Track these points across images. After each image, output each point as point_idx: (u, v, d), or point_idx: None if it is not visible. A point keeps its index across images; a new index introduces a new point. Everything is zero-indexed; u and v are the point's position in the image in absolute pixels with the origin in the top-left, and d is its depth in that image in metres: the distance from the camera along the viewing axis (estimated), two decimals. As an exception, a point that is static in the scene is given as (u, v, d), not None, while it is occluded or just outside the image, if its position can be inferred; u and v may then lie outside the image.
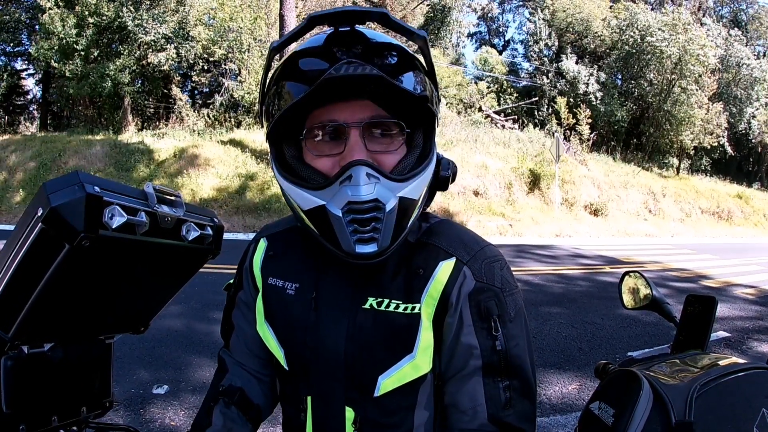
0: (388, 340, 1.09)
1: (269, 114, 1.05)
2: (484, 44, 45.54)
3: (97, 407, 1.21)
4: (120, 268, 1.03)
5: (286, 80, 1.01)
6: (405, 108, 1.04)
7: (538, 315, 7.24)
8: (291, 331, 1.16)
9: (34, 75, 28.26)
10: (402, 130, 1.05)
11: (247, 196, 16.40)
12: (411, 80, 1.01)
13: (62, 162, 17.31)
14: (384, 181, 0.99)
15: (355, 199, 0.97)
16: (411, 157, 1.07)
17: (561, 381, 4.92)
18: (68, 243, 0.87)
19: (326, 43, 1.00)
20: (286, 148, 1.09)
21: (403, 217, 1.02)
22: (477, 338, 1.08)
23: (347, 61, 0.94)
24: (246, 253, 1.32)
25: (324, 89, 0.94)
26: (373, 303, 1.10)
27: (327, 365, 1.12)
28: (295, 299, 1.16)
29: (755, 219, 29.75)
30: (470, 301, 1.09)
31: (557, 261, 12.36)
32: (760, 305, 8.74)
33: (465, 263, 1.11)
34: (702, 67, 31.30)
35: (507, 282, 1.13)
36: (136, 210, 0.94)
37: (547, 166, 22.03)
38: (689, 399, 0.95)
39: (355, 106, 1.01)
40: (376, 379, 1.08)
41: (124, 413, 3.90)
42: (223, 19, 21.59)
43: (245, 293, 1.30)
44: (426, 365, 1.08)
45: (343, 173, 0.98)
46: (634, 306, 1.70)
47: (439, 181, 1.15)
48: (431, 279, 1.10)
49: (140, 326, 1.28)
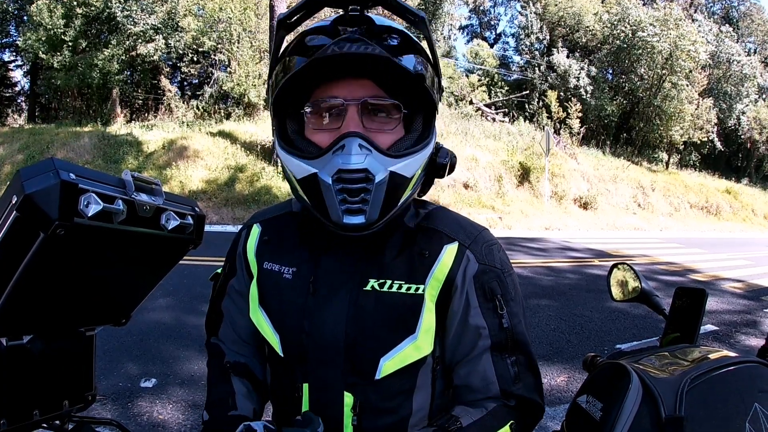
0: (390, 320, 1.10)
1: (274, 85, 1.08)
2: (475, 37, 45.55)
3: (79, 401, 1.19)
4: (98, 258, 1.01)
5: (292, 54, 1.05)
6: (405, 91, 1.07)
7: (527, 307, 7.14)
8: (287, 316, 1.16)
9: (22, 66, 28.16)
10: (399, 111, 1.07)
11: (236, 188, 16.33)
12: (411, 61, 1.03)
13: (50, 154, 17.11)
14: (376, 153, 1.01)
15: (345, 167, 1.00)
16: (408, 139, 1.09)
17: (549, 373, 4.93)
18: (43, 231, 0.84)
19: (333, 23, 1.04)
20: (289, 122, 1.13)
21: (393, 192, 1.04)
22: (484, 318, 1.12)
23: (346, 37, 0.98)
24: (237, 240, 1.32)
25: (324, 64, 0.99)
26: (375, 284, 1.11)
27: (325, 350, 1.12)
28: (293, 283, 1.17)
29: (743, 214, 30.04)
30: (475, 283, 1.13)
31: (546, 254, 12.40)
32: (748, 299, 8.82)
33: (467, 247, 1.15)
34: (693, 63, 31.50)
35: (505, 263, 1.19)
36: (113, 198, 0.92)
37: (537, 159, 22.16)
38: (680, 393, 0.92)
39: (356, 84, 1.04)
40: (377, 361, 1.09)
41: (112, 407, 3.87)
42: (213, 10, 21.42)
43: (238, 281, 1.29)
44: (427, 347, 1.10)
45: (336, 143, 1.01)
46: (623, 298, 1.70)
47: (436, 167, 1.16)
48: (437, 261, 1.13)
49: (121, 318, 1.25)
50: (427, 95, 1.07)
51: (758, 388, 0.99)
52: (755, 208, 31.45)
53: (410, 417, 1.14)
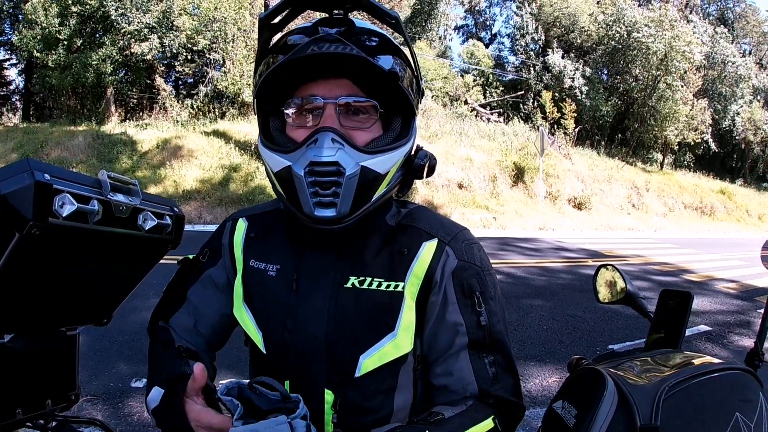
0: (369, 318, 1.10)
1: (256, 83, 1.12)
2: (470, 37, 45.57)
3: (62, 400, 1.19)
4: (75, 258, 1.01)
5: (274, 53, 1.09)
6: (383, 92, 1.08)
7: (520, 307, 7.28)
8: (270, 314, 1.16)
9: (16, 65, 28.08)
10: (376, 110, 1.10)
11: (230, 187, 16.32)
12: (388, 62, 1.07)
13: (44, 153, 17.11)
14: (348, 148, 1.04)
15: (316, 159, 1.02)
16: (385, 138, 1.12)
17: (541, 374, 4.94)
18: (18, 231, 0.85)
19: (315, 24, 1.07)
20: (272, 119, 1.16)
21: (366, 187, 1.06)
22: (462, 315, 1.12)
23: (323, 37, 1.01)
24: (221, 231, 1.32)
25: (303, 64, 1.03)
26: (355, 282, 1.12)
27: (307, 347, 1.12)
28: (276, 281, 1.17)
29: (738, 215, 30.17)
30: (453, 279, 1.14)
31: (540, 254, 12.43)
32: (742, 300, 8.85)
33: (447, 243, 1.17)
34: (687, 64, 31.63)
35: (485, 262, 1.19)
36: (89, 198, 0.92)
37: (532, 159, 22.23)
38: (656, 401, 0.90)
39: (334, 84, 1.07)
40: (357, 359, 1.09)
41: (103, 407, 3.86)
42: (208, 9, 21.39)
43: (218, 271, 1.29)
44: (407, 345, 1.10)
45: (310, 137, 1.04)
46: (609, 300, 1.69)
47: (413, 168, 1.17)
48: (416, 258, 1.14)
49: (103, 318, 1.25)
50: (404, 96, 1.09)
51: (740, 397, 0.97)
52: (749, 208, 31.59)
53: (391, 416, 1.14)
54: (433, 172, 1.22)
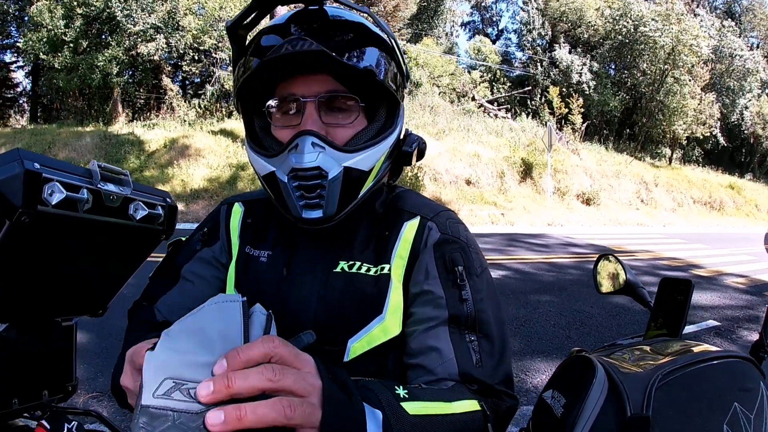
0: (358, 302, 1.09)
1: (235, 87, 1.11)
2: (477, 33, 45.63)
3: (59, 391, 1.20)
4: (67, 248, 1.02)
5: (249, 55, 1.06)
6: (363, 84, 1.06)
7: (528, 303, 7.26)
8: (260, 300, 1.14)
9: (23, 67, 28.24)
10: (358, 104, 1.08)
11: (238, 186, 16.35)
12: (365, 55, 1.04)
13: (52, 154, 17.13)
14: (329, 150, 1.02)
15: (298, 165, 1.02)
16: (369, 131, 1.10)
17: (549, 369, 4.91)
18: (8, 219, 0.86)
19: (287, 21, 1.06)
20: (257, 120, 1.16)
21: (351, 186, 1.06)
22: (443, 288, 1.08)
23: (291, 38, 0.97)
24: (217, 214, 1.31)
25: (277, 64, 1.00)
26: (344, 266, 1.12)
27: (296, 332, 1.10)
28: (267, 267, 1.18)
29: (747, 209, 30.00)
30: (435, 252, 1.12)
31: (548, 250, 12.38)
32: (751, 294, 8.80)
33: (429, 219, 1.16)
34: (695, 58, 31.46)
35: (471, 240, 1.17)
36: (78, 187, 0.93)
37: (540, 155, 22.16)
38: (648, 389, 0.84)
39: (314, 80, 1.05)
40: (346, 343, 1.08)
41: (108, 404, 3.86)
42: (213, 8, 21.41)
43: (212, 251, 1.26)
44: (396, 327, 1.09)
45: (291, 142, 1.03)
46: (609, 290, 1.68)
47: (402, 155, 1.17)
48: (398, 239, 1.14)
49: (98, 309, 1.25)
50: (383, 87, 1.07)
51: (739, 386, 0.92)
52: (759, 203, 31.40)
53: None
54: (422, 156, 1.22)
